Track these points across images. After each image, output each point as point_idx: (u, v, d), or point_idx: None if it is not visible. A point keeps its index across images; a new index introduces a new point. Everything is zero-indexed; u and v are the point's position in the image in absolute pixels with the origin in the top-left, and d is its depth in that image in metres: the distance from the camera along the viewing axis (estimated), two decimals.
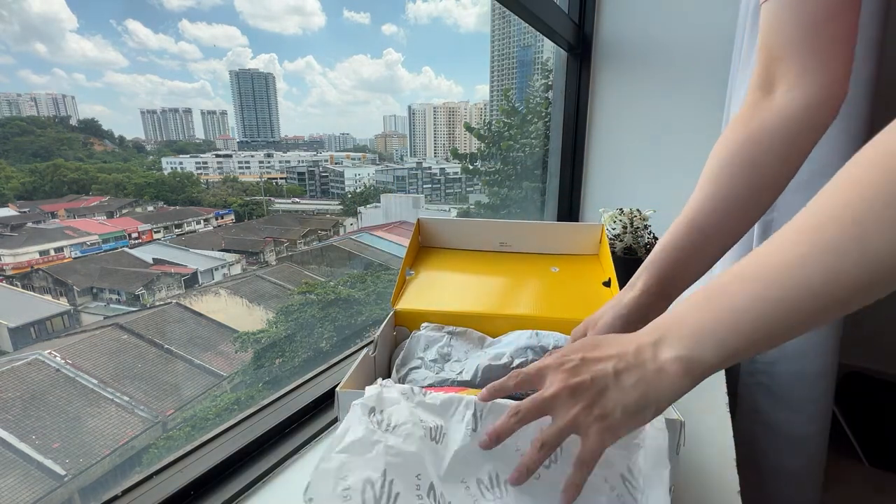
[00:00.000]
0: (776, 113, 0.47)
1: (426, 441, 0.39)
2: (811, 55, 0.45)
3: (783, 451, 1.01)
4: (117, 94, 13.60)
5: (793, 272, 0.29)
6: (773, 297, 0.30)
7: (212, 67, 14.71)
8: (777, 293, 0.30)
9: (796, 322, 0.30)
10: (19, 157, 4.32)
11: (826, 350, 0.95)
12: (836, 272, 0.27)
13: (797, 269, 0.29)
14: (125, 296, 3.22)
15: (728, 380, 0.73)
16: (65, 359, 2.21)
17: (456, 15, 30.25)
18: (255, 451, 0.56)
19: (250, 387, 2.49)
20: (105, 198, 4.39)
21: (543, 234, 0.75)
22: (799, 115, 0.46)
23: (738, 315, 0.31)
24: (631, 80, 1.41)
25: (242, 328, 2.82)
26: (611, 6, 1.38)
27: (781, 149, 0.47)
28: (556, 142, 1.52)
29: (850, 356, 1.41)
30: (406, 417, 0.39)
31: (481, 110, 9.97)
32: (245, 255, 4.28)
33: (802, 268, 0.28)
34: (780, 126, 0.47)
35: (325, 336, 2.74)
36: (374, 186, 7.52)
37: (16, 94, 5.66)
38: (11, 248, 3.22)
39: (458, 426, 0.40)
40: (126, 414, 2.16)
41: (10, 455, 1.79)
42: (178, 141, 8.94)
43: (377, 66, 36.84)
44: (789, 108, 0.47)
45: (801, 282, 0.28)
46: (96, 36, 11.57)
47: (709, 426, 0.62)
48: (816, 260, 0.28)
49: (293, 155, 8.58)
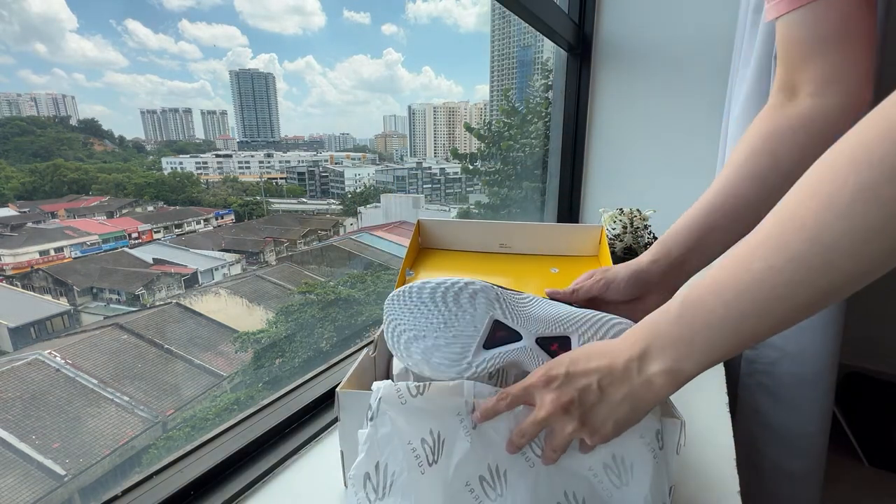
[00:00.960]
0: (799, 115, 0.48)
1: (427, 474, 0.39)
2: (831, 67, 0.46)
3: (783, 451, 1.01)
4: (117, 94, 13.61)
5: (763, 285, 0.30)
6: (748, 310, 0.31)
7: (212, 67, 14.72)
8: (749, 306, 0.31)
9: (772, 327, 0.31)
10: (19, 157, 4.32)
11: (826, 350, 0.95)
12: (799, 281, 0.29)
13: (767, 282, 0.30)
14: (125, 296, 3.22)
15: (728, 380, 0.73)
16: (65, 359, 2.21)
17: (456, 15, 30.26)
18: (255, 451, 0.56)
19: (250, 387, 2.49)
20: (105, 198, 4.39)
21: (543, 236, 0.75)
22: (821, 119, 0.47)
23: (713, 332, 0.33)
24: (631, 80, 1.41)
25: (242, 328, 2.81)
26: (611, 6, 1.38)
27: (803, 148, 0.48)
28: (556, 142, 1.52)
29: (850, 356, 1.41)
30: (401, 461, 0.40)
31: (481, 110, 9.96)
32: (245, 255, 4.28)
33: (771, 279, 0.30)
34: (804, 127, 0.48)
35: (325, 336, 2.74)
36: (374, 186, 7.52)
37: (16, 94, 5.66)
38: (11, 248, 3.22)
39: (457, 428, 0.40)
40: (126, 414, 2.15)
41: (10, 455, 1.79)
42: (178, 141, 8.94)
43: (377, 66, 36.83)
44: (813, 112, 0.47)
45: (771, 293, 0.30)
46: (96, 36, 11.56)
47: (709, 426, 0.62)
48: (783, 269, 0.29)
49: (293, 155, 8.58)
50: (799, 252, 0.28)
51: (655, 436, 0.40)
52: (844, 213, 0.26)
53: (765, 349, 0.99)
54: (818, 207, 0.27)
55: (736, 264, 0.32)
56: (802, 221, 0.28)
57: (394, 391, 0.41)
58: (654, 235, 0.97)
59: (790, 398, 0.98)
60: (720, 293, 0.32)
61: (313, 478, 0.53)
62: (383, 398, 0.41)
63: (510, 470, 0.40)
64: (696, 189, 0.53)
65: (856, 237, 0.26)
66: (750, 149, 0.49)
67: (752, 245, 0.31)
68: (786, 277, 0.29)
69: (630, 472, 0.40)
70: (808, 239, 0.28)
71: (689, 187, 0.50)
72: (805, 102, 0.48)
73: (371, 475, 0.39)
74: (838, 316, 0.95)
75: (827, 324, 0.94)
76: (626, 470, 0.40)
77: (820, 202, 0.27)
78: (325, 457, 0.57)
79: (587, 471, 0.40)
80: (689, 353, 0.34)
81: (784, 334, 0.96)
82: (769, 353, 0.98)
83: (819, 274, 0.28)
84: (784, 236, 0.29)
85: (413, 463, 0.39)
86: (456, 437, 0.40)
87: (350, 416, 0.45)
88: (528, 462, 0.40)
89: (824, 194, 0.27)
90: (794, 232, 0.28)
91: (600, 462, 0.40)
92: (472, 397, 0.41)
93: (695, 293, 0.34)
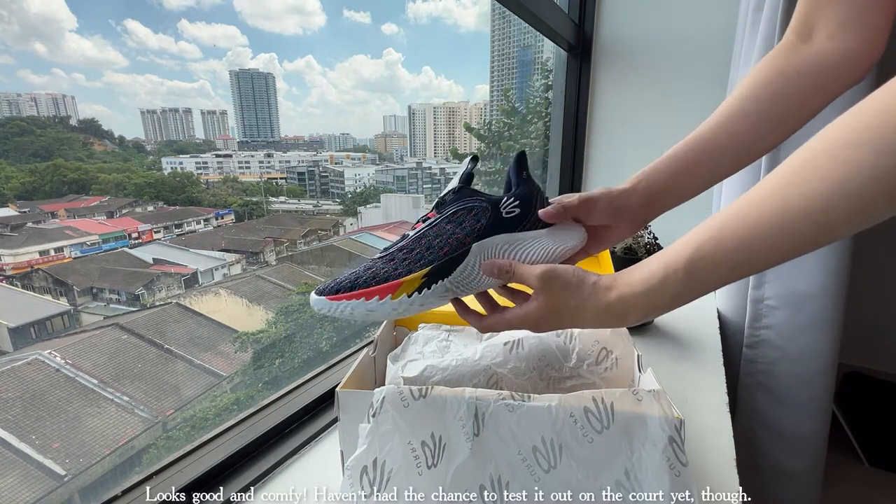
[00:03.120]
0: (811, 58, 0.47)
1: (424, 476, 0.39)
2: (853, 8, 0.45)
3: (783, 451, 1.01)
4: (117, 94, 13.59)
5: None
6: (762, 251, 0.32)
7: (212, 67, 14.70)
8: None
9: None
10: (19, 157, 4.32)
11: (826, 350, 0.95)
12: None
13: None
14: (125, 296, 3.22)
15: (728, 380, 0.73)
16: (65, 359, 2.21)
17: (456, 15, 30.24)
18: (255, 451, 0.56)
19: (250, 387, 2.49)
20: (105, 198, 4.38)
21: None
22: (833, 64, 0.46)
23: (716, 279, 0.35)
24: (631, 80, 1.41)
25: (242, 328, 2.82)
26: (611, 6, 1.38)
27: (807, 93, 0.47)
28: (556, 142, 1.52)
29: (850, 356, 1.42)
30: (400, 459, 0.40)
31: (481, 110, 9.95)
32: (245, 255, 4.28)
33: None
34: (813, 72, 0.47)
35: (324, 336, 2.74)
36: (374, 186, 7.51)
37: (16, 94, 5.65)
38: (11, 248, 3.22)
39: (458, 434, 0.40)
40: (126, 414, 2.16)
41: (10, 455, 1.79)
42: (178, 141, 8.93)
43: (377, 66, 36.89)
44: (825, 56, 0.46)
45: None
46: (96, 36, 11.54)
47: (709, 426, 0.62)
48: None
49: (293, 155, 8.57)
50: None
51: (669, 443, 0.38)
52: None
53: (765, 349, 0.99)
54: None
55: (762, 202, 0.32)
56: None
57: (397, 393, 0.41)
58: (654, 235, 0.97)
59: (790, 398, 0.98)
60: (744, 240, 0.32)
61: (313, 478, 0.53)
62: (387, 398, 0.41)
63: (512, 481, 0.39)
64: None
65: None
66: (750, 89, 0.49)
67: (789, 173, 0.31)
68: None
69: (642, 488, 0.38)
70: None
71: None
72: (818, 45, 0.47)
73: (368, 469, 0.39)
74: (838, 316, 0.95)
75: (827, 324, 0.94)
76: (638, 486, 0.38)
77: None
78: (325, 457, 0.57)
79: (598, 489, 0.39)
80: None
81: (784, 334, 0.96)
82: (769, 353, 0.98)
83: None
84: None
85: (411, 463, 0.39)
86: (457, 443, 0.40)
87: (350, 416, 0.45)
88: (532, 476, 0.39)
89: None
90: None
91: (612, 480, 0.39)
92: (475, 402, 0.40)
93: (704, 250, 0.34)
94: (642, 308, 0.38)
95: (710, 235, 0.34)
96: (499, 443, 0.40)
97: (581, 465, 0.39)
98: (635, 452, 0.38)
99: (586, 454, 0.39)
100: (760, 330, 0.98)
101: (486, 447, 0.40)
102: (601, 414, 0.39)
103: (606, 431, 0.39)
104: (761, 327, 0.98)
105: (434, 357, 0.56)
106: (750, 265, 0.33)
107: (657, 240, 0.96)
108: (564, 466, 0.39)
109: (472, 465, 0.39)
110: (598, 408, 0.40)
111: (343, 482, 0.40)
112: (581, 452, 0.39)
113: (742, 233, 0.32)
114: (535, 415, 0.40)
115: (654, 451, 0.38)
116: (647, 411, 0.39)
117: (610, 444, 0.39)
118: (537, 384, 0.54)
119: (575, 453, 0.39)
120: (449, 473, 0.39)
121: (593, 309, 0.39)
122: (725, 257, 0.33)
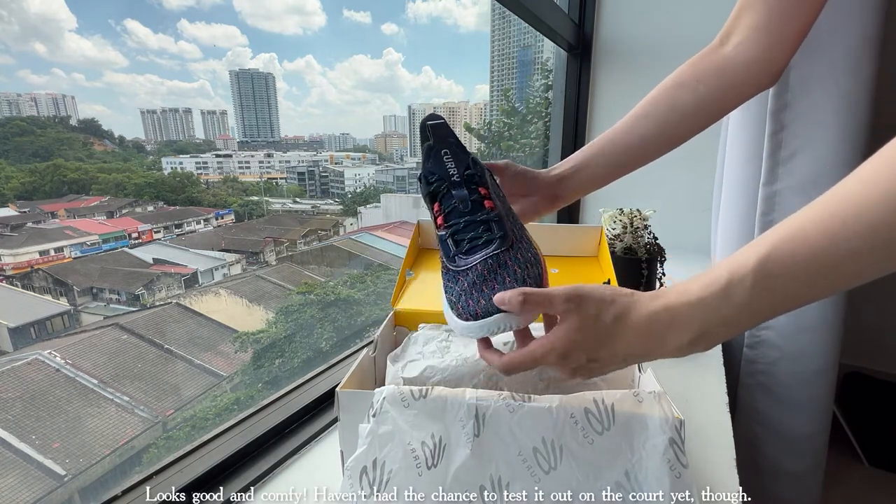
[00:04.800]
0: (723, 61, 0.50)
1: (424, 476, 0.39)
2: (762, 17, 0.48)
3: (783, 451, 1.01)
4: (117, 94, 13.61)
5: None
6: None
7: (212, 67, 14.72)
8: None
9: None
10: (19, 157, 4.32)
11: (826, 350, 0.95)
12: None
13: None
14: (125, 296, 3.22)
15: (728, 380, 0.73)
16: (65, 359, 2.22)
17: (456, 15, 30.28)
18: (255, 451, 0.56)
19: (250, 387, 2.49)
20: (105, 198, 4.38)
21: (543, 236, 0.75)
22: (742, 67, 0.49)
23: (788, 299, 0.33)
24: (631, 80, 1.41)
25: (242, 328, 2.82)
26: (611, 6, 1.38)
27: (718, 91, 0.51)
28: (556, 142, 1.52)
29: (850, 356, 1.41)
30: (400, 460, 0.39)
31: (481, 110, 9.94)
32: (245, 255, 4.28)
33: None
34: (728, 73, 0.50)
35: (324, 336, 2.74)
36: (374, 186, 7.51)
37: (16, 94, 5.66)
38: (11, 248, 3.22)
39: (458, 435, 0.40)
40: (126, 414, 2.16)
41: (10, 455, 1.79)
42: (178, 141, 8.93)
43: (377, 66, 36.88)
44: (735, 59, 0.50)
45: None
46: (95, 35, 11.55)
47: (709, 426, 0.62)
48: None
49: (293, 155, 8.58)
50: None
51: (670, 444, 0.38)
52: None
53: (765, 349, 0.99)
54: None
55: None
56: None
57: (397, 393, 0.41)
58: (654, 235, 0.97)
59: (790, 398, 0.98)
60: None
61: (313, 478, 0.53)
62: (387, 398, 0.41)
63: (512, 482, 0.39)
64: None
65: None
66: (672, 81, 0.54)
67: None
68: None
69: (642, 489, 0.38)
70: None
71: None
72: (730, 48, 0.50)
73: (368, 469, 0.39)
74: (838, 316, 0.95)
75: (827, 324, 0.94)
76: (638, 487, 0.38)
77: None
78: (325, 457, 0.57)
79: (598, 490, 0.39)
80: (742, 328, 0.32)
81: (784, 334, 0.96)
82: (769, 353, 0.98)
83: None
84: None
85: (411, 464, 0.39)
86: (457, 444, 0.40)
87: (350, 416, 0.45)
88: (533, 476, 0.39)
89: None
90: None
91: (613, 481, 0.38)
92: (476, 403, 0.40)
93: (783, 256, 0.28)
94: (698, 322, 0.31)
95: (791, 233, 0.28)
96: (499, 443, 0.40)
97: (581, 465, 0.39)
98: (636, 453, 0.38)
99: (587, 455, 0.39)
100: (761, 330, 0.98)
101: (486, 448, 0.40)
102: (602, 415, 0.39)
103: (607, 432, 0.39)
104: (762, 327, 0.98)
105: (434, 357, 0.56)
106: (840, 274, 0.27)
107: (657, 240, 0.96)
108: (565, 467, 0.39)
109: (472, 466, 0.39)
110: (598, 409, 0.40)
111: (343, 482, 0.40)
112: (581, 453, 0.39)
113: (832, 229, 0.27)
114: (535, 415, 0.40)
115: (655, 453, 0.38)
116: (648, 412, 0.39)
117: (610, 445, 0.39)
118: (537, 385, 0.54)
119: (575, 454, 0.39)
120: (449, 474, 0.39)
121: (635, 322, 0.33)
122: (807, 263, 0.27)
